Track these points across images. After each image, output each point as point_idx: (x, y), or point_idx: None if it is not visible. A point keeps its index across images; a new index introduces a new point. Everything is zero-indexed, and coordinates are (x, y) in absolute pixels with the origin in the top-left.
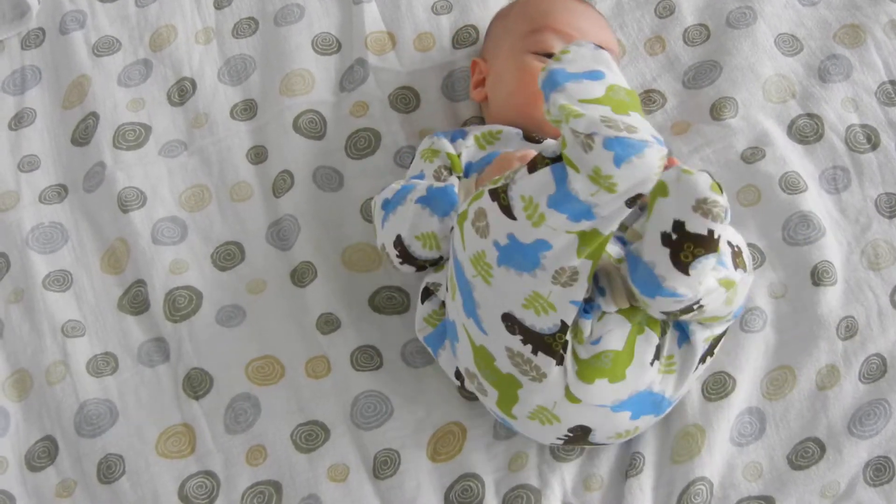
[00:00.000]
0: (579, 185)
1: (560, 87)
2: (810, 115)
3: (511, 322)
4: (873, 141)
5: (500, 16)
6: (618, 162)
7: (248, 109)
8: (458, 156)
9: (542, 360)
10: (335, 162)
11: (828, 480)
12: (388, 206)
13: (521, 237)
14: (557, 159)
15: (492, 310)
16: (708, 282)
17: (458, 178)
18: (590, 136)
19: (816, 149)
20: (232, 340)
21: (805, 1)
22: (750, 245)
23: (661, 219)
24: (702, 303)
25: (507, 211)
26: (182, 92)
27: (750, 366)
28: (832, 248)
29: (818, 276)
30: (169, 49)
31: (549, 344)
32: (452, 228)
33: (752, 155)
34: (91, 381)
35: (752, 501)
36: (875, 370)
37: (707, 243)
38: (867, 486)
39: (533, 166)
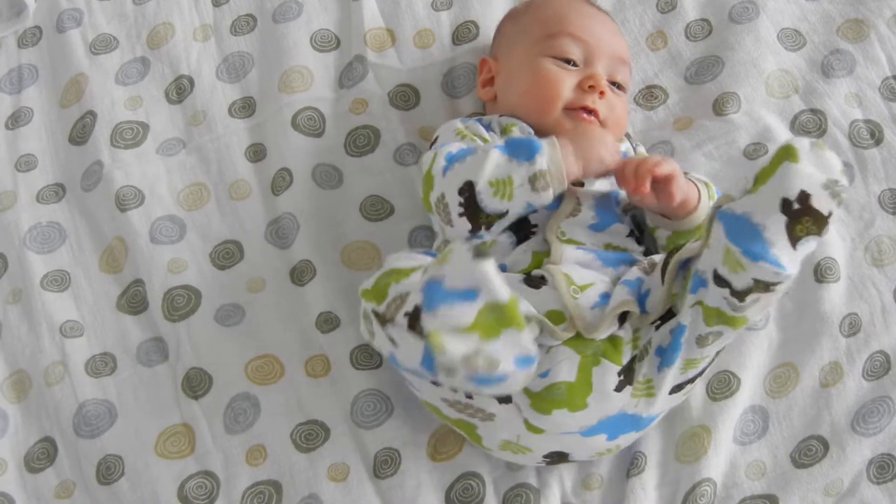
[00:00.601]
0: (444, 381)
1: (433, 310)
2: (813, 111)
3: (434, 381)
4: (877, 136)
5: (513, 16)
6: (479, 386)
7: (246, 107)
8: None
9: (481, 402)
10: (334, 159)
11: (831, 478)
12: (454, 157)
13: (402, 361)
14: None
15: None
16: (801, 261)
17: None
18: (450, 370)
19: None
20: (231, 340)
21: None
22: None
23: (786, 184)
24: (778, 289)
25: (391, 339)
26: (180, 90)
27: (753, 364)
28: (835, 244)
29: (821, 273)
30: (167, 47)
31: None
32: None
33: (755, 151)
34: (90, 382)
35: (755, 500)
36: (878, 367)
37: (823, 224)
38: (871, 483)
39: (413, 326)
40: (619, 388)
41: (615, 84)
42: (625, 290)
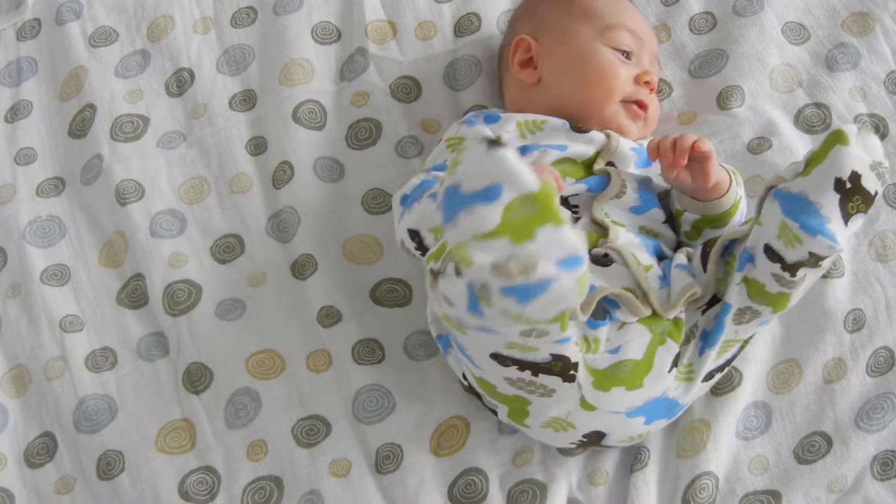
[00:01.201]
0: (494, 316)
1: (453, 220)
2: (818, 105)
3: (501, 359)
4: (882, 130)
5: (557, 0)
6: (522, 302)
7: (247, 100)
8: (499, 139)
9: (546, 379)
10: (336, 152)
11: (835, 475)
12: (406, 201)
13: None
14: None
15: (478, 351)
16: (846, 242)
17: None
18: (484, 286)
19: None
20: (232, 334)
21: None
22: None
23: (838, 165)
24: (824, 264)
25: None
26: (180, 82)
27: (756, 359)
28: None
29: None
30: (167, 39)
31: (548, 368)
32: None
33: (759, 145)
34: (90, 377)
35: (758, 496)
36: (883, 363)
37: (870, 203)
38: (874, 480)
39: (456, 271)
40: (670, 370)
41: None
42: (683, 273)
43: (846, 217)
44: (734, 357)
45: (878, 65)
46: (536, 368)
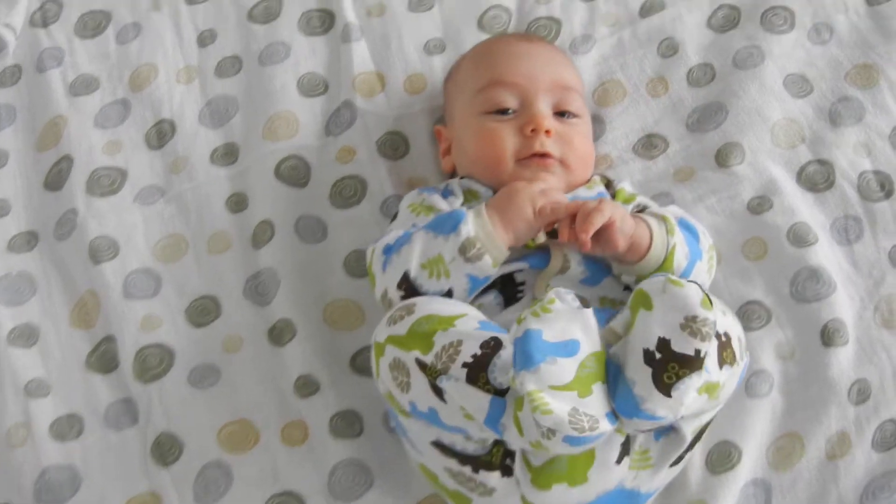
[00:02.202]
0: (514, 439)
1: (534, 367)
2: (821, 162)
3: (442, 448)
4: (887, 188)
5: (450, 75)
6: (573, 446)
7: (229, 154)
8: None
9: (485, 476)
10: (319, 211)
11: None
12: (391, 249)
13: (444, 418)
14: (500, 392)
15: (420, 436)
16: (689, 399)
17: None
18: (552, 430)
19: (827, 197)
20: (204, 403)
21: (815, 39)
22: (755, 303)
23: (644, 335)
24: (682, 419)
25: (437, 392)
26: (161, 134)
27: (756, 433)
28: (843, 304)
29: (828, 336)
30: (149, 89)
31: (488, 461)
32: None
33: (760, 205)
34: (54, 446)
35: None
36: (889, 437)
37: (693, 363)
38: None
39: (474, 378)
40: (619, 460)
41: (565, 113)
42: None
43: (664, 389)
44: (698, 438)
45: (883, 119)
46: (476, 462)
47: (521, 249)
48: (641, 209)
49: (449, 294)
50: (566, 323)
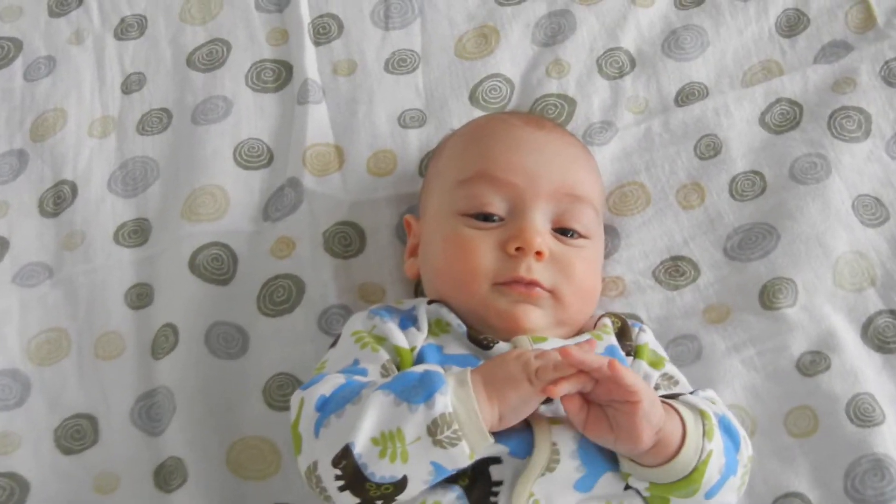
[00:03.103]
0: None
1: None
2: (894, 313)
3: None
4: None
5: (434, 154)
6: None
7: (138, 232)
8: (412, 350)
9: None
10: (240, 317)
11: None
12: (328, 405)
13: None
14: None
15: None
16: None
17: None
18: None
19: None
20: None
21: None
22: (796, 496)
23: None
24: None
25: None
26: (59, 199)
27: None
28: None
29: None
30: (53, 140)
31: None
32: None
33: (813, 364)
34: None
35: None
36: None
37: None
38: None
39: None
40: None
41: (569, 231)
42: None
43: None
44: None
45: None
46: None
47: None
48: (669, 393)
49: (402, 484)
50: None
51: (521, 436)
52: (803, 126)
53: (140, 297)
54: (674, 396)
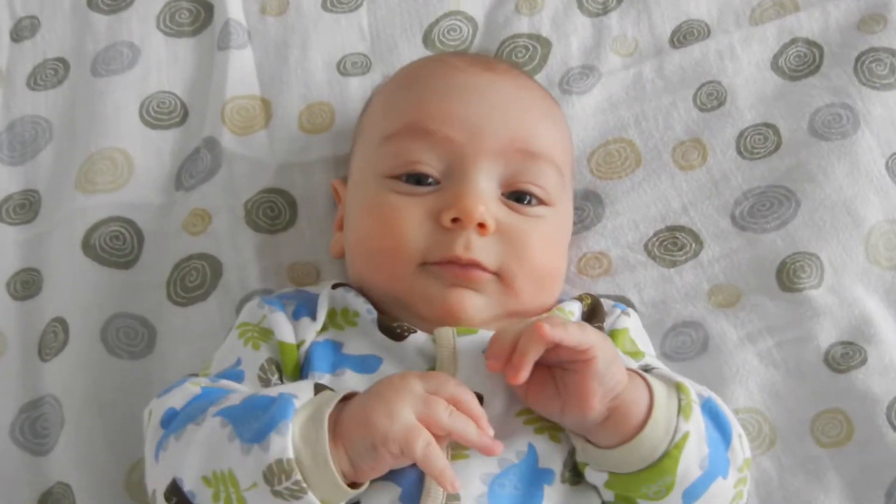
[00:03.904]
0: None
1: None
2: None
3: None
4: None
5: (364, 110)
6: None
7: (25, 206)
8: (299, 346)
9: None
10: (146, 308)
11: None
12: (174, 421)
13: None
14: None
15: None
16: None
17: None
18: None
19: None
20: None
21: None
22: None
23: None
24: None
25: None
26: None
27: None
28: None
29: None
30: None
31: None
32: None
33: (845, 357)
34: None
35: None
36: None
37: None
38: None
39: None
40: None
41: (524, 196)
42: None
43: None
44: None
45: None
46: None
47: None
48: (647, 370)
49: None
50: None
51: (416, 472)
52: (824, 71)
53: (25, 285)
54: (646, 370)
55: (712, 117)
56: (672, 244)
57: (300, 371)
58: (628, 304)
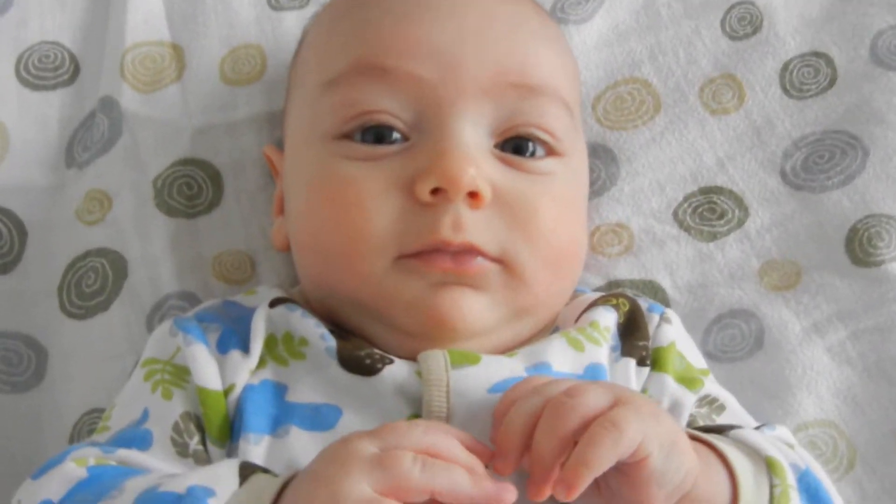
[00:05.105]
0: None
1: None
2: None
3: None
4: None
5: (299, 45)
6: None
7: None
8: (227, 393)
9: None
10: (33, 323)
11: None
12: None
13: None
14: None
15: None
16: None
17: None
18: None
19: None
20: None
21: None
22: None
23: None
24: None
25: None
26: None
27: None
28: None
29: None
30: None
31: None
32: None
33: None
34: None
35: None
36: None
37: None
38: None
39: None
40: None
41: (526, 145)
42: None
43: None
44: None
45: None
46: None
47: None
48: (708, 425)
49: None
50: None
51: None
52: None
53: None
54: (719, 430)
55: (746, 47)
56: (709, 211)
57: (230, 428)
58: (658, 292)
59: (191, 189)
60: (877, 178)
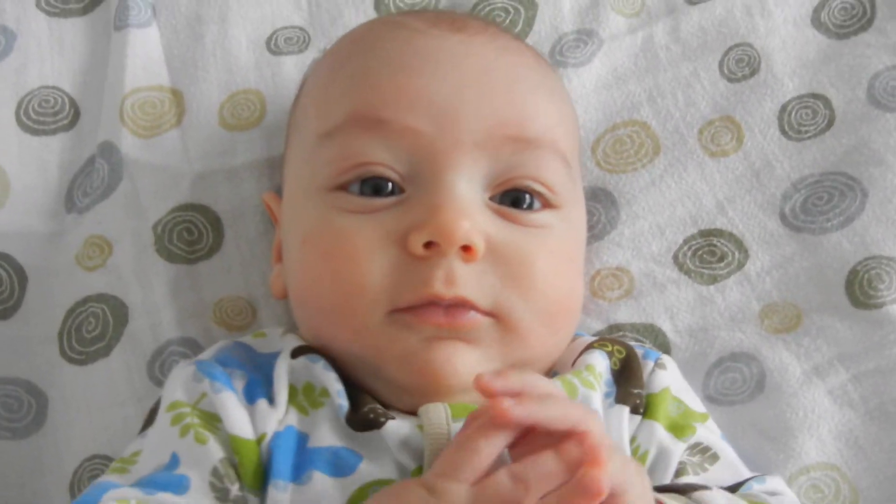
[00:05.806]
0: None
1: None
2: None
3: None
4: None
5: (298, 94)
6: None
7: None
8: (259, 441)
9: None
10: (33, 369)
11: None
12: None
13: None
14: None
15: None
16: None
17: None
18: None
19: None
20: None
21: None
22: None
23: None
24: None
25: None
26: None
27: None
28: None
29: None
30: None
31: None
32: None
33: None
34: None
35: None
36: None
37: None
38: None
39: None
40: None
41: (520, 199)
42: None
43: None
44: None
45: None
46: None
47: None
48: (688, 484)
49: None
50: None
51: None
52: (879, 25)
53: None
54: (685, 490)
55: (745, 88)
56: (709, 254)
57: (262, 475)
58: (659, 336)
59: (191, 235)
60: (876, 219)
